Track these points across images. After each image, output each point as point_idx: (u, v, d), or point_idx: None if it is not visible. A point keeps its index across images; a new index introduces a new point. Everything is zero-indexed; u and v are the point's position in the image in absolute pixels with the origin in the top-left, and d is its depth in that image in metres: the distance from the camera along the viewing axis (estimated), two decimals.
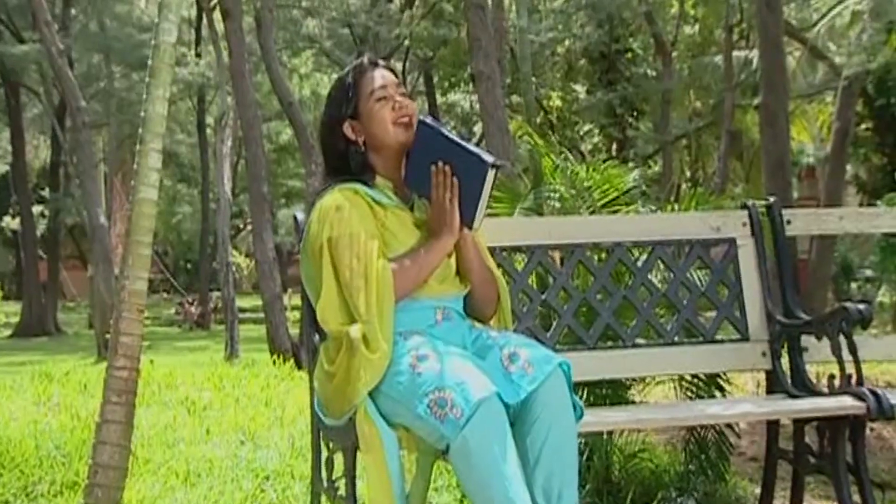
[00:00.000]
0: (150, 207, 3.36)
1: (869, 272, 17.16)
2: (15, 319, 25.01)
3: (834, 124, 14.31)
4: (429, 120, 2.55)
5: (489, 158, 2.48)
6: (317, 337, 2.60)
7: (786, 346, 3.31)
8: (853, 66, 13.23)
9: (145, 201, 3.34)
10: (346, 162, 2.59)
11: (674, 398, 4.02)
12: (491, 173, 2.47)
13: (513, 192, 4.12)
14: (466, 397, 2.18)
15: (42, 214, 27.56)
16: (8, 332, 24.32)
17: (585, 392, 3.64)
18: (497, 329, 2.64)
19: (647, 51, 22.25)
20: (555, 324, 3.27)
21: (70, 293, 35.80)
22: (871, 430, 4.93)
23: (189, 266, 39.79)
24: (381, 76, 2.62)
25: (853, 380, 2.96)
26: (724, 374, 3.79)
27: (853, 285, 18.31)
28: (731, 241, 3.41)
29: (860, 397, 2.86)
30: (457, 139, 2.50)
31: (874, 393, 2.84)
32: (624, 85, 20.53)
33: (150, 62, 3.39)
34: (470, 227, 2.53)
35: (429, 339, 2.39)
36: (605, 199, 3.95)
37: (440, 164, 2.49)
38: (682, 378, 3.86)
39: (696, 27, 23.15)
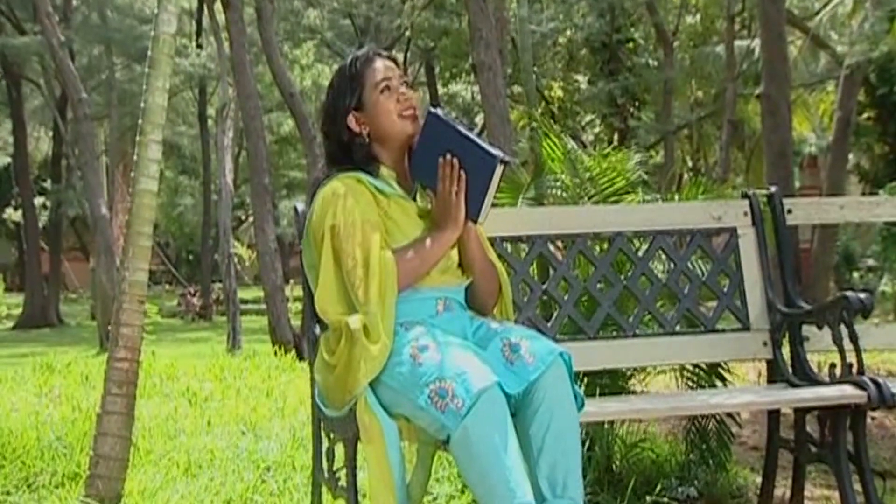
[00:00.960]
0: (151, 198, 3.36)
1: (871, 261, 17.16)
2: (17, 311, 25.03)
3: (836, 113, 14.27)
4: (438, 111, 2.53)
5: (498, 153, 2.46)
6: (318, 328, 2.59)
7: (787, 335, 3.31)
8: (855, 54, 13.19)
9: (145, 192, 3.35)
10: (348, 152, 2.57)
11: (675, 388, 4.02)
12: (499, 168, 2.46)
13: (515, 183, 4.10)
14: (467, 387, 2.18)
15: (44, 206, 27.61)
16: (10, 323, 24.34)
17: (586, 382, 3.63)
18: (498, 320, 2.63)
19: (648, 40, 22.19)
20: (556, 314, 3.26)
21: (72, 285, 35.88)
22: (872, 418, 4.93)
23: (191, 257, 39.80)
24: (385, 67, 2.60)
25: (854, 369, 2.96)
26: (725, 363, 3.78)
27: (855, 274, 18.31)
28: (733, 231, 3.40)
29: (861, 386, 2.86)
30: (466, 132, 2.48)
31: (875, 382, 2.84)
32: (625, 75, 20.48)
33: (149, 53, 3.39)
34: (475, 222, 2.52)
35: (430, 330, 2.38)
36: (612, 188, 3.93)
37: (448, 156, 2.47)
38: (683, 368, 3.86)
39: (698, 16, 23.09)
